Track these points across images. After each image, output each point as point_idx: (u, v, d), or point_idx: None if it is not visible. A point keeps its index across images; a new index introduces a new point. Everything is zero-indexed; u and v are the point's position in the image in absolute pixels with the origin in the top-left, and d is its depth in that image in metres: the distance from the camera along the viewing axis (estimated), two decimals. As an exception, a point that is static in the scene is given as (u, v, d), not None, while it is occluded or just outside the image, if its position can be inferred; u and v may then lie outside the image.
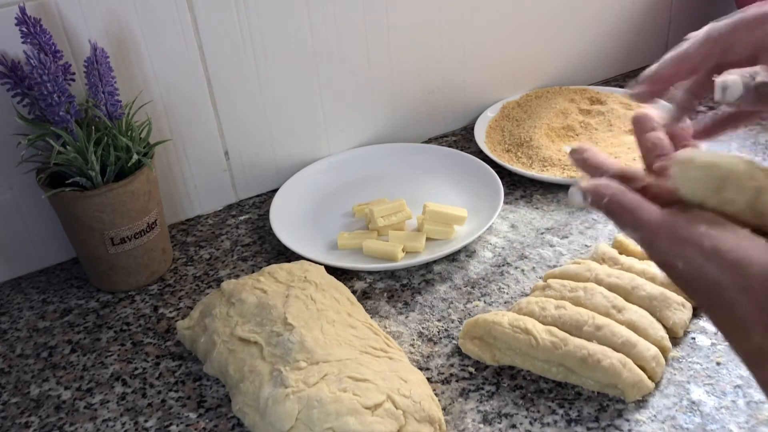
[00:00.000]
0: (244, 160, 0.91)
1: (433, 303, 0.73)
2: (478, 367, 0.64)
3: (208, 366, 0.64)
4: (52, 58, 0.68)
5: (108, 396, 0.65)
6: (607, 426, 0.58)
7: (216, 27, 0.81)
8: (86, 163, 0.70)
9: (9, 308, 0.78)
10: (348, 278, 0.76)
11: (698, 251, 0.41)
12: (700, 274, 0.41)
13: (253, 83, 0.86)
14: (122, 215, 0.73)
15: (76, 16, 0.74)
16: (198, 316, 0.68)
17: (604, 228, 0.81)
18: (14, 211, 0.79)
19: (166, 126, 0.84)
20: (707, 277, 0.41)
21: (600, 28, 1.10)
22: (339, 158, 0.96)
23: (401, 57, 0.95)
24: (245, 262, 0.81)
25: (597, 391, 0.61)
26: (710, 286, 0.41)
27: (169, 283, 0.79)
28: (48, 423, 0.63)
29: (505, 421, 0.59)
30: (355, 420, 0.54)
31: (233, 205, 0.93)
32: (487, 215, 0.81)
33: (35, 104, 0.70)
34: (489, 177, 0.87)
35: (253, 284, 0.67)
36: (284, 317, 0.62)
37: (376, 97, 0.96)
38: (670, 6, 1.14)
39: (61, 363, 0.70)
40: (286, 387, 0.56)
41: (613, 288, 0.67)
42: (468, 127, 1.04)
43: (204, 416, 0.62)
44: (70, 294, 0.79)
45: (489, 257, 0.78)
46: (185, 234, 0.88)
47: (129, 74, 0.79)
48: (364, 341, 0.62)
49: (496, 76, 1.04)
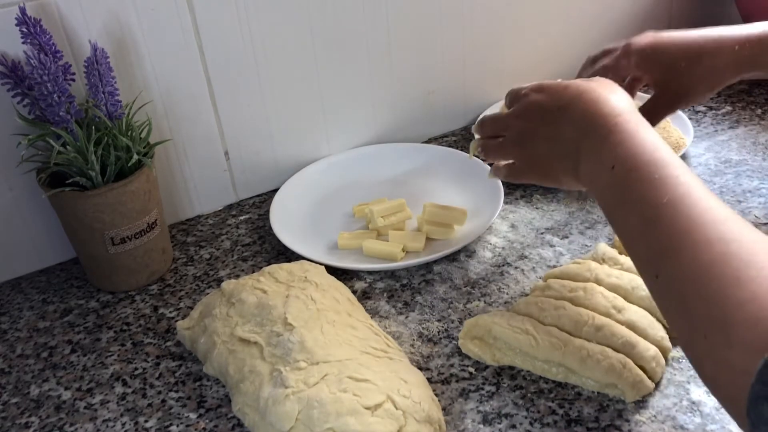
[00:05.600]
0: (244, 160, 0.91)
1: (433, 303, 0.73)
2: (478, 368, 0.64)
3: (208, 366, 0.64)
4: (52, 58, 0.68)
5: (108, 396, 0.65)
6: (607, 426, 0.58)
7: (216, 27, 0.81)
8: (86, 163, 0.70)
9: (9, 308, 0.78)
10: (348, 278, 0.76)
11: None
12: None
13: (253, 83, 0.86)
14: (122, 215, 0.73)
15: (76, 16, 0.74)
16: (198, 316, 0.68)
17: (604, 228, 0.81)
18: (14, 211, 0.79)
19: (166, 126, 0.84)
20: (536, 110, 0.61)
21: (600, 29, 1.10)
22: (339, 158, 0.96)
23: (401, 57, 0.95)
24: (245, 262, 0.82)
25: (597, 391, 0.61)
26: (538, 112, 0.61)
27: (169, 283, 0.79)
28: (48, 423, 0.63)
29: (505, 422, 0.59)
30: (355, 420, 0.54)
31: (233, 205, 0.93)
32: (487, 215, 0.81)
33: (35, 104, 0.70)
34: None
35: (253, 284, 0.67)
36: (284, 317, 0.62)
37: (376, 98, 0.96)
38: (670, 6, 1.14)
39: (62, 363, 0.70)
40: (286, 387, 0.56)
41: (613, 288, 0.67)
42: (468, 127, 1.05)
43: (204, 416, 0.62)
44: (70, 294, 0.79)
45: (489, 257, 0.78)
46: (185, 234, 0.88)
47: (129, 74, 0.79)
48: (365, 341, 0.62)
49: (496, 76, 1.04)
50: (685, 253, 0.44)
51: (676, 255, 0.45)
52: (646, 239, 0.48)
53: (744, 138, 0.95)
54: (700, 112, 1.03)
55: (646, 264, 0.48)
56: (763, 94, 1.06)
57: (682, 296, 0.44)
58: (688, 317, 0.43)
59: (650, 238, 0.47)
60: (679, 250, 0.45)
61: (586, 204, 0.84)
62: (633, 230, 0.50)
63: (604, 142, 0.54)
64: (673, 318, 0.46)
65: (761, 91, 1.06)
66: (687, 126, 0.94)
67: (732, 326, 0.40)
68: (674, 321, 0.46)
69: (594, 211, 0.84)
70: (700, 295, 0.42)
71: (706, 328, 0.42)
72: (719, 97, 1.06)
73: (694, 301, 0.43)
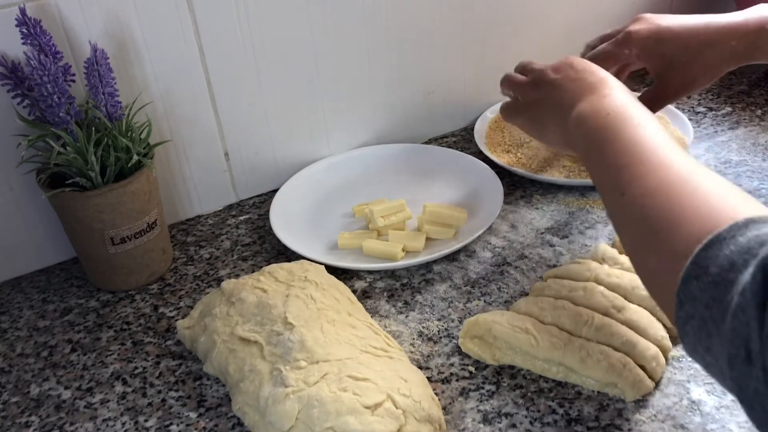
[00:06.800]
0: (244, 161, 0.91)
1: (433, 302, 0.73)
2: (478, 367, 0.64)
3: (208, 365, 0.64)
4: (53, 59, 0.68)
5: (108, 395, 0.65)
6: (607, 425, 0.58)
7: (216, 28, 0.81)
8: (86, 164, 0.71)
9: (9, 308, 0.78)
10: (348, 278, 0.76)
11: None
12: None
13: (253, 84, 0.87)
14: (122, 215, 0.73)
15: (76, 17, 0.74)
16: (198, 316, 0.68)
17: (604, 228, 0.81)
18: (14, 211, 0.79)
19: (166, 127, 0.84)
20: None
21: (600, 29, 1.09)
22: (339, 158, 0.96)
23: (401, 57, 0.95)
24: (245, 262, 0.82)
25: (597, 390, 0.61)
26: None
27: (170, 283, 0.79)
28: (48, 422, 0.63)
29: (505, 421, 0.59)
30: (355, 419, 0.54)
31: (233, 205, 0.93)
32: (487, 215, 0.81)
33: (35, 105, 0.70)
34: (489, 177, 0.87)
35: (254, 284, 0.67)
36: (284, 316, 0.62)
37: (376, 98, 0.96)
38: (670, 6, 1.14)
39: (62, 362, 0.70)
40: (286, 386, 0.56)
41: (613, 288, 0.67)
42: (468, 127, 1.05)
43: (204, 416, 0.62)
44: (70, 293, 0.79)
45: (489, 257, 0.78)
46: (185, 234, 0.88)
47: (129, 75, 0.79)
48: (365, 341, 0.62)
49: (496, 76, 1.04)
50: (654, 175, 0.52)
51: (646, 176, 0.52)
52: (619, 167, 0.55)
53: (744, 139, 0.95)
54: (700, 113, 1.03)
55: (616, 184, 0.55)
56: (763, 95, 1.06)
57: (643, 207, 0.51)
58: (644, 223, 0.50)
59: (625, 165, 0.54)
60: (648, 173, 0.52)
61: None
62: (611, 162, 0.56)
63: (603, 98, 0.62)
64: (628, 225, 0.53)
65: (761, 92, 1.06)
66: (687, 126, 0.94)
67: (684, 220, 0.46)
68: (629, 228, 0.53)
69: (594, 211, 0.84)
70: (661, 203, 0.49)
71: (660, 226, 0.48)
72: (719, 97, 1.06)
73: (655, 208, 0.49)
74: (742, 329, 0.38)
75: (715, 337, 0.41)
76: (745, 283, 0.38)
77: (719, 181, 0.49)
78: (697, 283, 0.42)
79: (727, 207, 0.45)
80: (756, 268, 0.38)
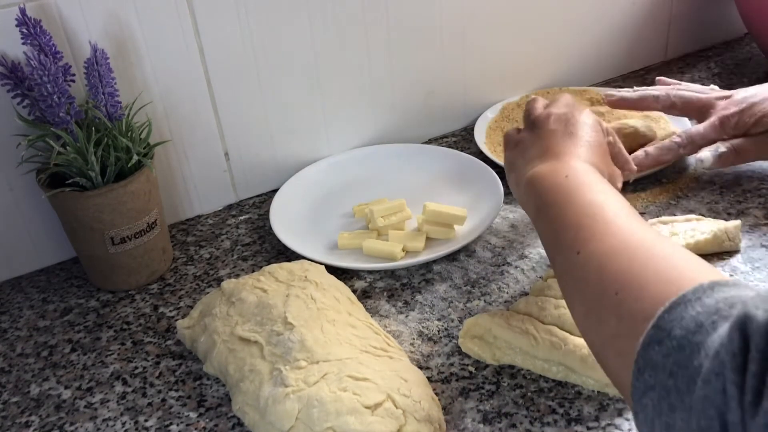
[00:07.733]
0: (244, 161, 0.91)
1: (433, 302, 0.73)
2: (478, 367, 0.64)
3: (208, 365, 0.64)
4: (53, 59, 0.68)
5: (108, 395, 0.66)
6: (607, 425, 0.58)
7: (216, 28, 0.81)
8: (86, 164, 0.71)
9: (9, 307, 0.78)
10: (348, 278, 0.76)
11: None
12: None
13: (253, 83, 0.87)
14: (122, 215, 0.73)
15: (76, 17, 0.74)
16: (198, 316, 0.68)
17: (603, 228, 0.81)
18: (14, 211, 0.79)
19: (166, 127, 0.84)
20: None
21: (600, 29, 1.10)
22: (339, 158, 0.96)
23: (401, 57, 0.95)
24: (245, 262, 0.82)
25: (597, 390, 0.61)
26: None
27: (170, 283, 0.79)
28: (48, 422, 0.63)
29: (505, 421, 0.59)
30: (355, 419, 0.54)
31: (233, 205, 0.93)
32: (487, 215, 0.81)
33: (35, 105, 0.70)
34: (489, 177, 0.87)
35: (254, 284, 0.67)
36: (284, 316, 0.62)
37: (376, 98, 0.96)
38: (670, 6, 1.14)
39: (62, 362, 0.70)
40: (286, 386, 0.56)
41: (613, 287, 0.67)
42: (468, 127, 1.05)
43: (204, 415, 0.62)
44: (70, 293, 0.79)
45: (489, 257, 0.78)
46: (185, 234, 0.88)
47: (129, 75, 0.79)
48: (365, 340, 0.62)
49: (496, 76, 1.05)
50: (614, 237, 0.50)
51: (606, 236, 0.51)
52: (577, 226, 0.54)
53: (744, 138, 0.95)
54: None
55: (570, 243, 0.53)
56: (763, 94, 1.06)
57: (601, 266, 0.49)
58: (602, 283, 0.48)
59: (584, 225, 0.53)
60: (609, 234, 0.51)
61: None
62: (568, 221, 0.55)
63: (567, 162, 0.62)
64: (583, 286, 0.50)
65: (761, 91, 1.06)
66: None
67: (646, 281, 0.44)
68: (583, 290, 0.50)
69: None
70: (621, 264, 0.47)
71: (620, 288, 0.46)
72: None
73: (614, 268, 0.48)
74: (717, 397, 0.34)
75: (679, 411, 0.36)
76: (717, 345, 0.35)
77: (681, 249, 0.48)
78: (659, 348, 0.39)
79: (690, 271, 0.43)
80: (731, 329, 0.34)
